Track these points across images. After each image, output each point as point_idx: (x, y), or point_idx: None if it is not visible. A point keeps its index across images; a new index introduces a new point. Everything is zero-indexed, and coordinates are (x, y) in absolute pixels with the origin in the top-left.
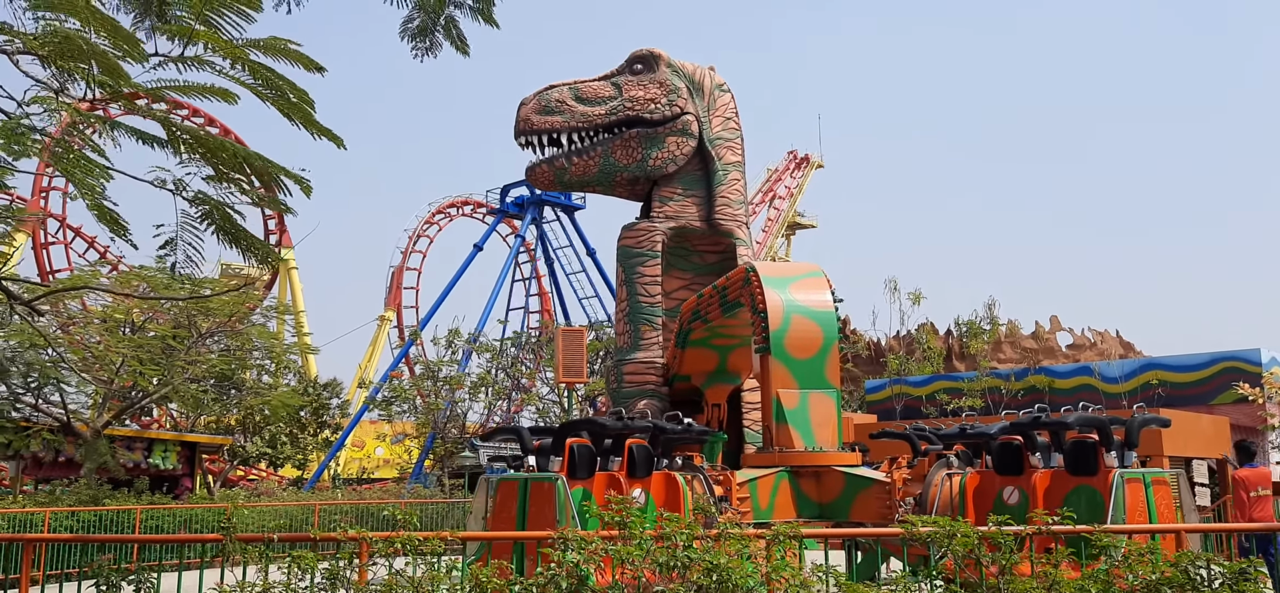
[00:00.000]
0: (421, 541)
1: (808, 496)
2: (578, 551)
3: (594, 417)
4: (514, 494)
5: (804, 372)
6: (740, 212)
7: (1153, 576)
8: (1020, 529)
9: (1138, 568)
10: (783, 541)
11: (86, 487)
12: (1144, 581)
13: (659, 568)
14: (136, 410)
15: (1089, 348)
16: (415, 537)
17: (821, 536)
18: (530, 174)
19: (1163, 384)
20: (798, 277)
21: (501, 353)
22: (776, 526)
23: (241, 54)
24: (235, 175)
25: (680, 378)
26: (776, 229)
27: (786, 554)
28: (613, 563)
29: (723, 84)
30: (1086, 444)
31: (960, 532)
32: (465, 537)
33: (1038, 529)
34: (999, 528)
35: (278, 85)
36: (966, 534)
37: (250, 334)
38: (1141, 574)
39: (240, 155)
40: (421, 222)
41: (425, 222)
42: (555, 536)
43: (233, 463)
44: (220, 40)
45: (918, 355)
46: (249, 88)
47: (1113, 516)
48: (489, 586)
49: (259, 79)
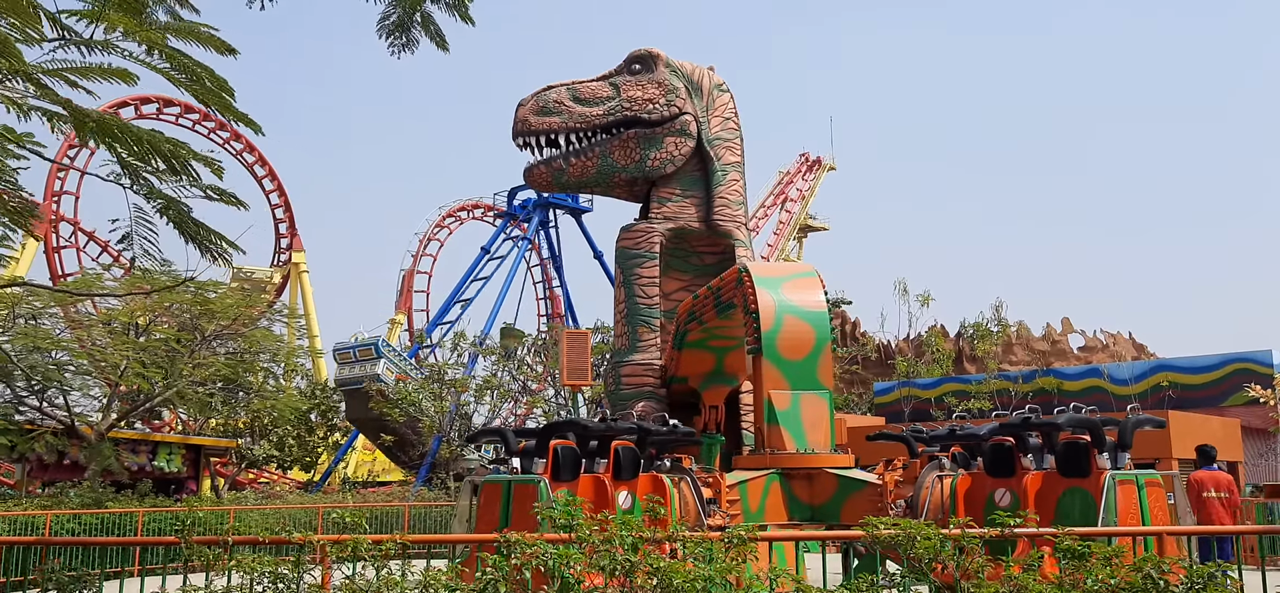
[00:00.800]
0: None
1: (799, 498)
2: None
3: (576, 418)
4: (497, 496)
5: (796, 373)
6: (739, 212)
7: (1112, 581)
8: (986, 531)
9: (1099, 571)
10: (741, 542)
11: (90, 489)
12: (1104, 583)
13: (602, 572)
14: (145, 413)
15: (1101, 350)
16: (364, 540)
17: (790, 538)
18: (528, 175)
19: (1173, 386)
20: (790, 277)
21: (508, 356)
22: (731, 529)
23: (158, 38)
24: (139, 163)
25: (677, 380)
26: (788, 232)
27: (770, 557)
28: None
29: (722, 84)
30: (1078, 446)
31: (921, 535)
32: (420, 540)
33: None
34: (963, 530)
35: (194, 71)
36: (928, 536)
37: (255, 337)
38: (1102, 577)
39: (147, 141)
40: (432, 225)
41: (435, 225)
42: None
43: (241, 466)
44: (131, 22)
45: (927, 358)
46: (160, 71)
47: (1104, 518)
48: (439, 586)
49: (174, 64)
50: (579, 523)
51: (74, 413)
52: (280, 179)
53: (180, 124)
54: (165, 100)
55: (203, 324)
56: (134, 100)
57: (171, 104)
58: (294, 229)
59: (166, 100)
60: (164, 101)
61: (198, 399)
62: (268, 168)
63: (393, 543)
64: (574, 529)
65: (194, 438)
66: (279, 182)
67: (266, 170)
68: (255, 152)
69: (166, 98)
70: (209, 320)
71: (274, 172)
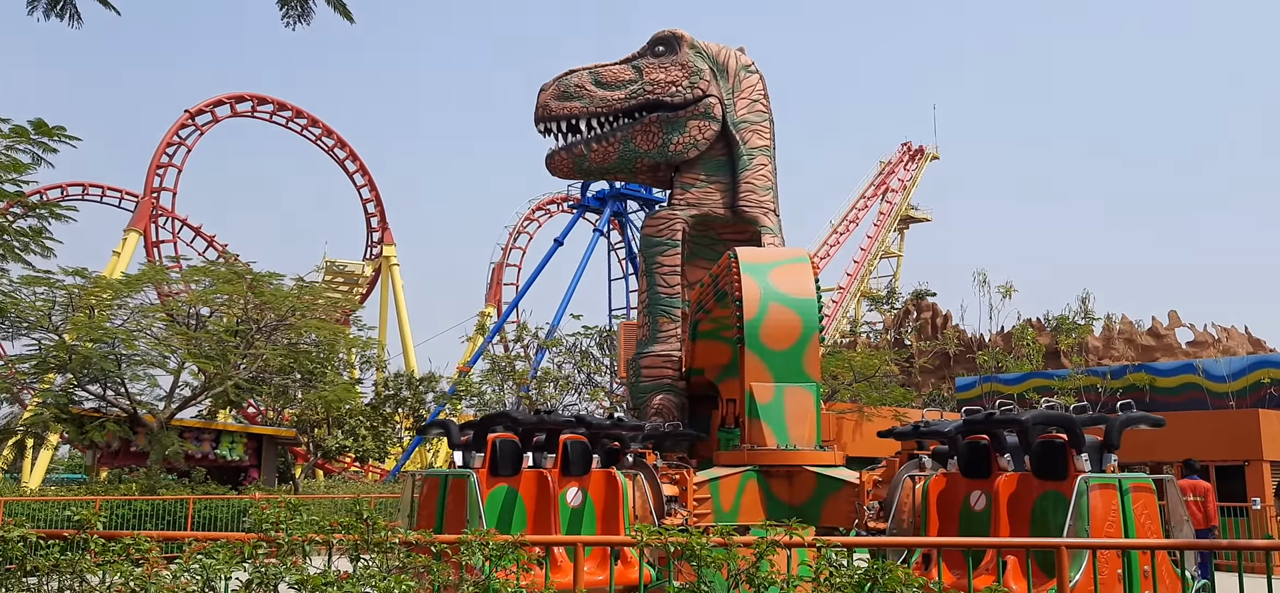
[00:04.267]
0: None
1: (778, 497)
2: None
3: (507, 410)
4: (435, 492)
5: (780, 364)
6: (767, 198)
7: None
8: (917, 542)
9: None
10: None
11: (146, 476)
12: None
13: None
14: (224, 402)
15: (1212, 345)
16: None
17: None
18: (549, 162)
19: (1276, 383)
20: (779, 262)
21: (575, 348)
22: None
23: None
24: None
25: (695, 371)
26: (889, 222)
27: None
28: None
29: (750, 65)
30: (1054, 446)
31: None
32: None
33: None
34: (883, 539)
35: None
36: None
37: (308, 328)
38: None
39: None
40: (521, 218)
41: (525, 218)
42: (396, 538)
43: (317, 455)
44: None
45: (1016, 353)
46: None
47: (1075, 526)
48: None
49: None
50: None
51: (136, 401)
52: (371, 174)
53: (274, 120)
54: (259, 98)
55: (255, 315)
56: (229, 98)
57: (265, 102)
58: (385, 223)
59: (260, 98)
60: (257, 99)
61: (275, 388)
62: (358, 162)
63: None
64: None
65: (254, 427)
66: (370, 176)
67: (357, 165)
68: (346, 146)
69: (260, 96)
70: (259, 313)
71: (365, 166)
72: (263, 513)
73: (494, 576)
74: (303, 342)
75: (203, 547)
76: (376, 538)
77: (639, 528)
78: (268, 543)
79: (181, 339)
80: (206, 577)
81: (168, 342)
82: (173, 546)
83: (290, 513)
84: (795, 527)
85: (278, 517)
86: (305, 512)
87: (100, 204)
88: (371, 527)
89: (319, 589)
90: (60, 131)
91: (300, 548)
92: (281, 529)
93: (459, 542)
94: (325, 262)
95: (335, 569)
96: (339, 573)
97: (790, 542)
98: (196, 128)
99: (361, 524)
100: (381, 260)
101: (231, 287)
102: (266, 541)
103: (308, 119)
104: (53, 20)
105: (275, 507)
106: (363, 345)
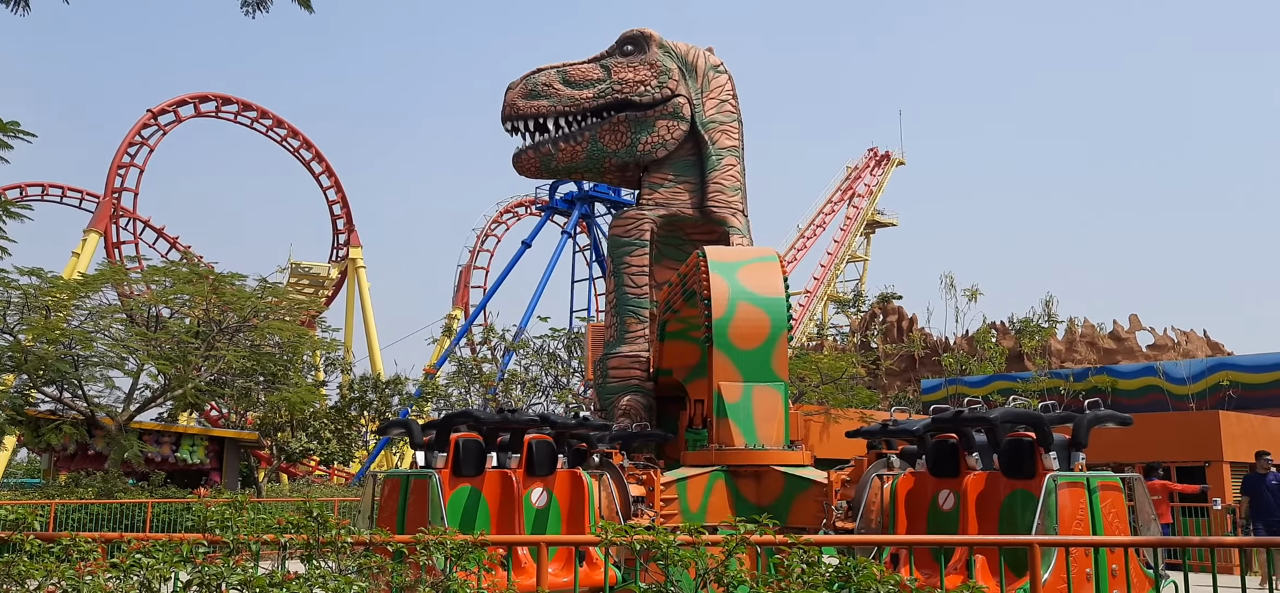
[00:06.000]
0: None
1: (746, 497)
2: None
3: (470, 409)
4: (397, 492)
5: (749, 363)
6: (736, 199)
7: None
8: (885, 539)
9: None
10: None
11: (104, 479)
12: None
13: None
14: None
15: (1171, 348)
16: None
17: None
18: (516, 161)
19: (1234, 386)
20: (748, 261)
21: (542, 351)
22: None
23: None
24: None
25: (663, 372)
26: (856, 226)
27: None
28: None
29: (719, 65)
30: (1022, 444)
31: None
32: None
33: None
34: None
35: None
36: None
37: (272, 329)
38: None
39: None
40: (489, 221)
41: (493, 221)
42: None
43: (280, 458)
44: None
45: (980, 355)
46: None
47: (1044, 524)
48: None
49: None
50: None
51: (94, 403)
52: (338, 176)
53: (239, 121)
54: (223, 98)
55: (217, 316)
56: (193, 98)
57: (230, 102)
58: (351, 225)
59: (225, 98)
60: (222, 99)
61: (234, 391)
62: (324, 164)
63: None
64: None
65: (215, 430)
66: (336, 178)
67: (323, 166)
68: (312, 147)
69: (225, 96)
70: (221, 314)
71: (331, 168)
72: (207, 511)
73: (454, 576)
74: (266, 344)
75: (142, 546)
76: (328, 538)
77: (605, 526)
78: (212, 543)
79: (141, 340)
80: (146, 578)
81: (126, 343)
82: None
83: (236, 512)
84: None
85: (223, 516)
86: (253, 511)
87: (60, 204)
88: (323, 525)
89: (264, 591)
90: (14, 127)
91: (248, 548)
92: (227, 530)
93: (417, 542)
94: (290, 264)
95: (285, 571)
96: (286, 574)
97: (759, 540)
98: (159, 128)
99: (312, 523)
100: (348, 262)
101: (193, 287)
102: (211, 540)
103: (273, 120)
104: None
105: (220, 506)
106: (328, 347)
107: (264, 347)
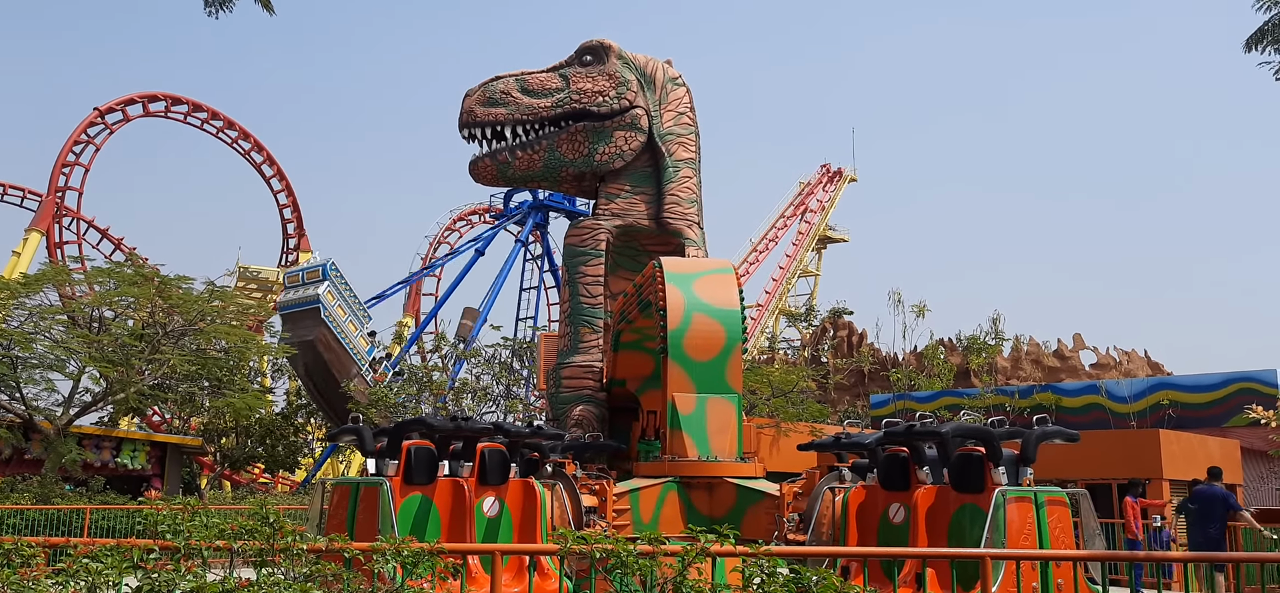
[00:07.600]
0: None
1: (698, 508)
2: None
3: (423, 416)
4: (346, 500)
5: (703, 375)
6: (692, 210)
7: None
8: (838, 550)
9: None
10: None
11: (40, 485)
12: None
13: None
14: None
15: (1113, 368)
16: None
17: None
18: (473, 168)
19: (1174, 405)
20: (704, 273)
21: (494, 360)
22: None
23: None
24: None
25: (617, 382)
26: (808, 241)
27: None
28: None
29: (677, 77)
30: (972, 459)
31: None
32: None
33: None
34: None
35: None
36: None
37: (218, 333)
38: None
39: None
40: (442, 228)
41: (446, 228)
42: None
43: (223, 464)
44: None
45: (928, 371)
46: None
47: (992, 538)
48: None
49: None
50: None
51: (32, 406)
52: (289, 179)
53: (189, 122)
54: (173, 98)
55: (162, 319)
56: (142, 97)
57: (180, 102)
58: (302, 229)
59: (175, 98)
60: (171, 100)
61: (178, 395)
62: (276, 167)
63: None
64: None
65: (158, 435)
66: (287, 181)
67: (274, 170)
68: (263, 151)
69: (175, 96)
70: (166, 317)
71: (283, 171)
72: (158, 516)
73: (406, 585)
74: (212, 348)
75: (88, 551)
76: (283, 544)
77: (565, 534)
78: (162, 549)
79: (82, 342)
80: (92, 584)
81: (67, 345)
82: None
83: (189, 517)
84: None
85: (174, 521)
86: (206, 516)
87: (1, 202)
88: (278, 531)
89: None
90: None
91: (198, 554)
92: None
93: (372, 549)
94: (239, 267)
95: (237, 577)
96: (239, 580)
97: (714, 551)
98: (107, 126)
99: (267, 529)
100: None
101: (138, 289)
102: (160, 546)
103: (224, 121)
104: None
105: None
106: (275, 353)
107: (210, 351)
